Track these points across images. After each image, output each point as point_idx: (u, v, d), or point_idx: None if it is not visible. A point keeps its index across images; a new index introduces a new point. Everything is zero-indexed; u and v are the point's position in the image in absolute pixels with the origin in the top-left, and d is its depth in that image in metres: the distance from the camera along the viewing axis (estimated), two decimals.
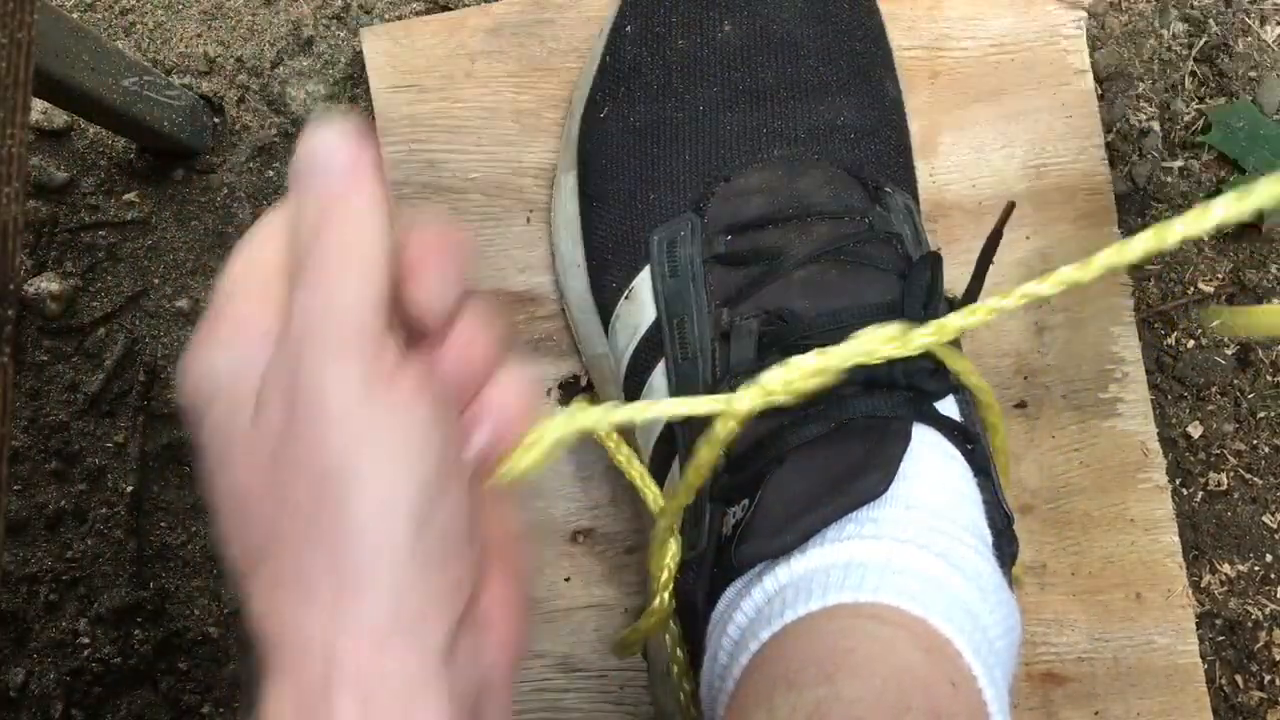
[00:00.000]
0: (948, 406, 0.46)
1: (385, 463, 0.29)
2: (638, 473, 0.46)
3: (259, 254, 0.32)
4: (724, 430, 0.39)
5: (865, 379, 0.43)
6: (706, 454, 0.40)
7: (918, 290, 0.46)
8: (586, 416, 0.35)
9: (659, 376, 0.49)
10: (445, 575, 0.30)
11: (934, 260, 0.47)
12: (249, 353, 0.31)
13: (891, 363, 0.41)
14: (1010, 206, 0.47)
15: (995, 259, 0.60)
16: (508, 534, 0.36)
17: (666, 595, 0.45)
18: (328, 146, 0.30)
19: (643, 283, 0.50)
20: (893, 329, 0.38)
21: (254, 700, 0.30)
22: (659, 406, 0.41)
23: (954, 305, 0.47)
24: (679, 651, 0.48)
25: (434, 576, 0.30)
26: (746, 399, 0.38)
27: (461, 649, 0.31)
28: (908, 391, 0.44)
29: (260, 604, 0.30)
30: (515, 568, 0.35)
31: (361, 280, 0.30)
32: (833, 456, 0.43)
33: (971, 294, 0.47)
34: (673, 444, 0.48)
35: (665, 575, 0.45)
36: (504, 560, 0.35)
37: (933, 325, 0.38)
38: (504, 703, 0.33)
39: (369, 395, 0.29)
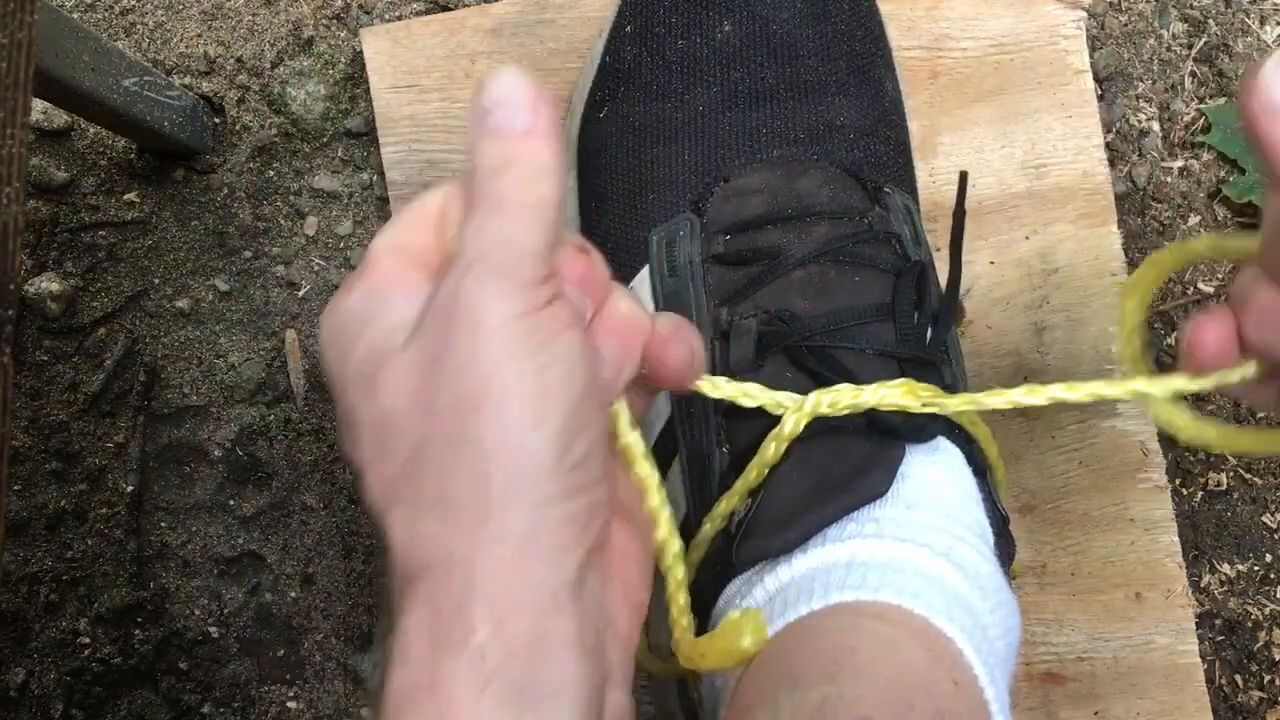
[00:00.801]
0: None
1: (534, 381, 0.30)
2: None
3: (421, 219, 0.34)
4: (794, 430, 0.42)
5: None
6: (774, 452, 0.42)
7: (905, 303, 0.46)
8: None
9: None
10: (581, 502, 0.31)
11: (920, 270, 0.47)
12: (399, 304, 0.32)
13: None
14: (964, 176, 0.47)
15: (996, 260, 0.61)
16: (629, 492, 0.37)
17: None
18: (512, 90, 0.31)
19: (642, 282, 0.50)
20: (899, 390, 0.42)
21: (389, 630, 0.31)
22: (729, 388, 0.42)
23: (948, 299, 0.47)
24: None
25: (571, 502, 0.31)
26: (810, 405, 0.42)
27: (590, 585, 0.31)
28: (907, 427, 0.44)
29: (402, 532, 0.31)
30: (636, 525, 0.36)
31: (537, 218, 0.31)
32: (835, 456, 0.43)
33: (953, 281, 0.47)
34: (673, 444, 0.48)
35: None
36: (625, 515, 0.36)
37: (938, 402, 0.43)
38: (627, 658, 0.34)
39: (525, 316, 0.30)
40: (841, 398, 0.42)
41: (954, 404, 0.43)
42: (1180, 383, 0.40)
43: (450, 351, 0.30)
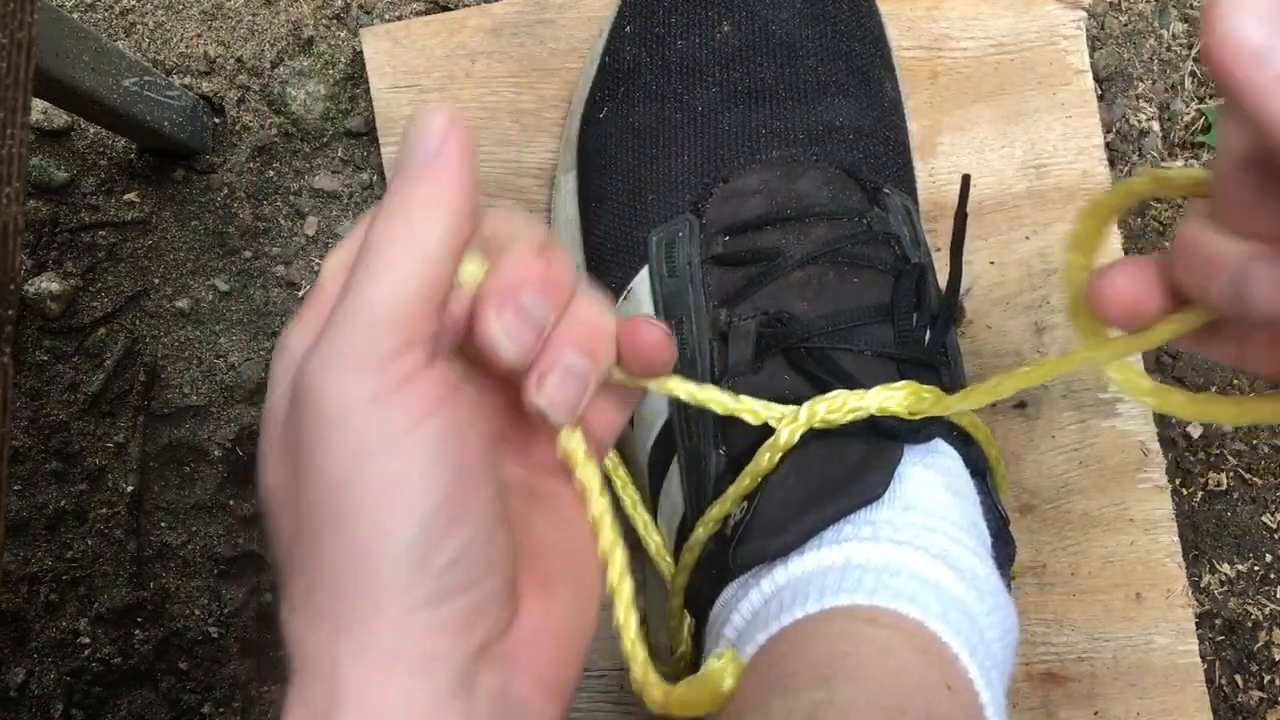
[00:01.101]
0: None
1: (386, 487, 0.27)
2: (631, 501, 0.47)
3: (353, 244, 0.30)
4: (789, 441, 0.42)
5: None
6: (767, 461, 0.42)
7: (905, 304, 0.46)
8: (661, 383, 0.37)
9: None
10: (459, 605, 0.28)
11: (919, 273, 0.47)
12: (292, 347, 0.30)
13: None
14: (966, 180, 0.47)
15: (996, 260, 0.60)
16: (567, 553, 0.34)
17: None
18: (430, 120, 0.29)
19: (641, 283, 0.50)
20: (902, 393, 0.42)
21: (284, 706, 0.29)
22: (716, 397, 0.41)
23: (948, 301, 0.47)
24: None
25: (445, 607, 0.28)
26: (804, 416, 0.42)
27: (482, 683, 0.29)
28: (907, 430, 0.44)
29: (285, 620, 0.29)
30: (556, 594, 0.33)
31: (413, 269, 0.27)
32: (831, 458, 0.43)
33: (953, 283, 0.47)
34: (671, 445, 0.48)
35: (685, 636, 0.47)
36: (541, 583, 0.32)
37: (940, 404, 0.43)
38: None
39: (378, 400, 0.27)
40: (835, 405, 0.42)
41: (939, 408, 0.42)
42: (1128, 344, 0.36)
43: (304, 444, 0.27)
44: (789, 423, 0.42)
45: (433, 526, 0.27)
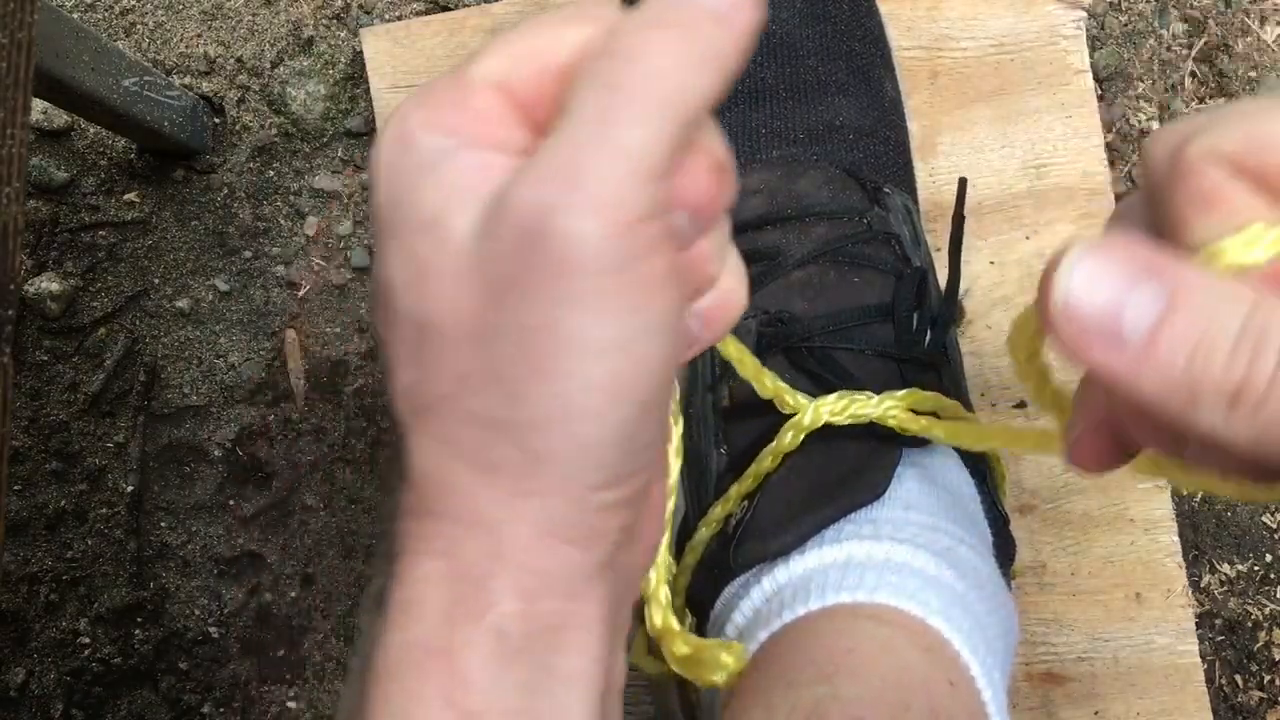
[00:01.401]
0: None
1: (618, 356, 0.25)
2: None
3: (546, 56, 0.27)
4: (793, 442, 0.42)
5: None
6: (769, 462, 0.42)
7: (905, 305, 0.46)
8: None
9: None
10: (631, 487, 0.27)
11: (920, 275, 0.47)
12: (486, 164, 0.26)
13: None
14: (963, 182, 0.47)
15: (996, 259, 0.60)
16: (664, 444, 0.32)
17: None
18: None
19: None
20: (903, 404, 0.43)
21: (386, 546, 0.28)
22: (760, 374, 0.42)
23: (947, 302, 0.47)
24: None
25: (622, 488, 0.27)
26: (809, 418, 0.42)
27: (622, 558, 0.29)
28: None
29: (426, 462, 0.27)
30: (663, 477, 0.33)
31: (673, 120, 0.24)
32: (831, 458, 0.43)
33: (952, 285, 0.47)
34: None
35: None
36: (659, 469, 0.32)
37: (938, 428, 0.43)
38: (630, 606, 0.31)
39: (624, 268, 0.24)
40: (838, 408, 0.42)
41: (939, 431, 0.42)
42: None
43: (528, 288, 0.24)
44: (791, 426, 0.42)
45: (647, 405, 0.26)
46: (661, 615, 0.38)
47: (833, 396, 0.43)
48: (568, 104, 0.25)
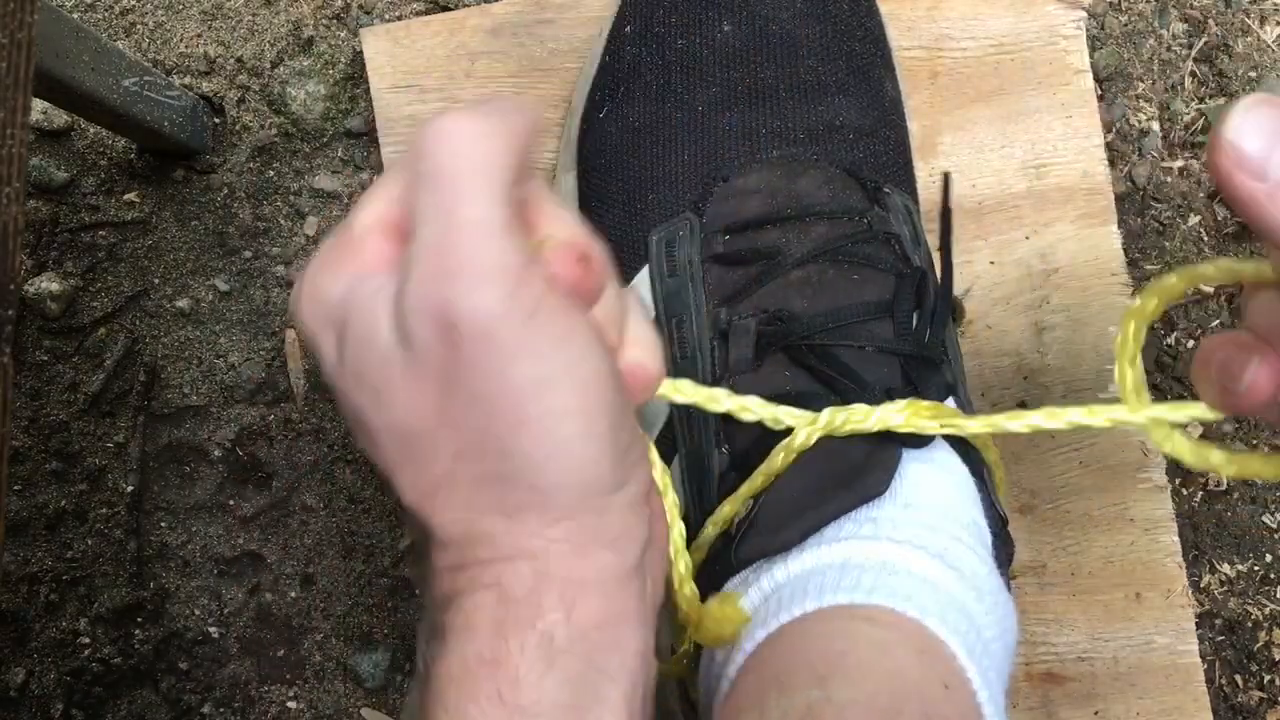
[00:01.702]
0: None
1: (569, 386, 0.28)
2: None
3: (404, 188, 0.30)
4: (805, 443, 0.42)
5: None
6: (781, 461, 0.43)
7: (906, 304, 0.47)
8: (677, 386, 0.39)
9: None
10: (638, 482, 0.31)
11: (920, 276, 0.47)
12: (388, 294, 0.29)
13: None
14: (947, 177, 0.48)
15: (996, 259, 0.60)
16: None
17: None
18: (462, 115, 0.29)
19: (641, 282, 0.50)
20: (906, 411, 0.43)
21: (434, 599, 0.30)
22: (741, 402, 0.42)
23: (941, 298, 0.47)
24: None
25: (632, 486, 0.30)
26: (824, 420, 0.42)
27: (647, 560, 0.32)
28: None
29: (455, 529, 0.30)
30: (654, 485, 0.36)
31: (486, 189, 0.28)
32: (834, 457, 0.43)
33: (945, 282, 0.47)
34: (672, 445, 0.48)
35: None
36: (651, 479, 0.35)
37: (948, 425, 0.43)
38: (657, 609, 0.34)
39: (532, 315, 0.28)
40: (855, 418, 0.42)
41: (974, 426, 0.43)
42: (1195, 410, 0.39)
43: (466, 368, 0.28)
44: (807, 424, 0.42)
45: (616, 411, 0.29)
46: (678, 580, 0.40)
47: (851, 406, 0.43)
48: (415, 210, 0.28)
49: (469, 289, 0.27)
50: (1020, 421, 0.42)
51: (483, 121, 0.28)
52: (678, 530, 0.39)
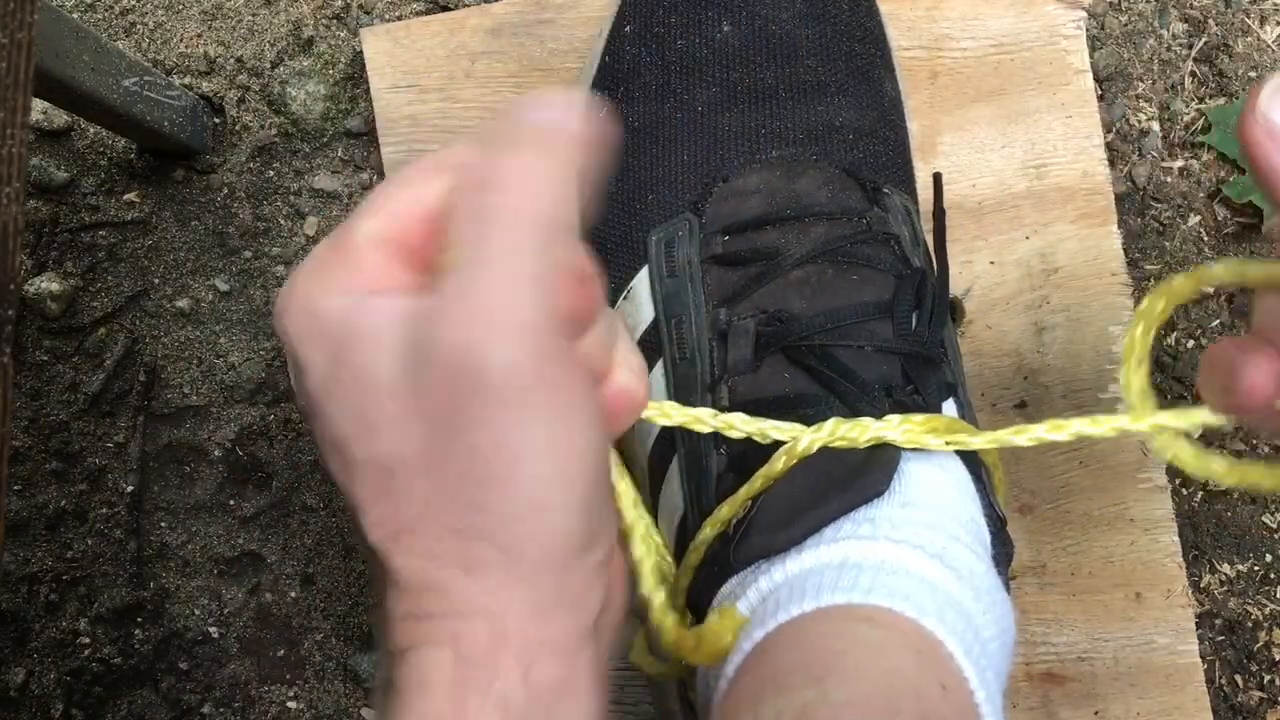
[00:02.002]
0: (947, 409, 0.46)
1: (556, 451, 0.28)
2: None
3: (417, 209, 0.29)
4: (807, 449, 0.42)
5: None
6: (783, 465, 0.42)
7: (905, 305, 0.47)
8: (663, 410, 0.39)
9: (657, 376, 0.49)
10: (601, 549, 0.31)
11: (920, 277, 0.47)
12: (387, 314, 0.28)
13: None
14: (938, 177, 0.48)
15: (996, 259, 0.60)
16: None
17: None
18: (555, 97, 0.29)
19: (641, 283, 0.50)
20: (907, 427, 0.42)
21: (389, 643, 0.30)
22: (729, 420, 0.42)
23: (938, 297, 0.47)
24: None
25: (595, 552, 0.30)
26: (807, 441, 0.42)
27: (602, 618, 0.32)
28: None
29: (415, 578, 0.29)
30: (620, 540, 0.36)
31: (539, 246, 0.27)
32: (833, 456, 0.43)
33: (940, 281, 0.47)
34: (670, 446, 0.48)
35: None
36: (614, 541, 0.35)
37: (954, 442, 0.43)
38: (605, 665, 0.34)
39: (539, 374, 0.27)
40: (858, 432, 0.42)
41: (978, 442, 0.43)
42: (1199, 415, 0.38)
43: (466, 415, 0.27)
44: (812, 432, 0.42)
45: (594, 481, 0.29)
46: (660, 613, 0.40)
47: (854, 420, 0.42)
48: (455, 241, 0.28)
49: (506, 342, 0.27)
50: (1025, 435, 0.41)
51: (557, 164, 0.28)
52: (652, 562, 0.39)
